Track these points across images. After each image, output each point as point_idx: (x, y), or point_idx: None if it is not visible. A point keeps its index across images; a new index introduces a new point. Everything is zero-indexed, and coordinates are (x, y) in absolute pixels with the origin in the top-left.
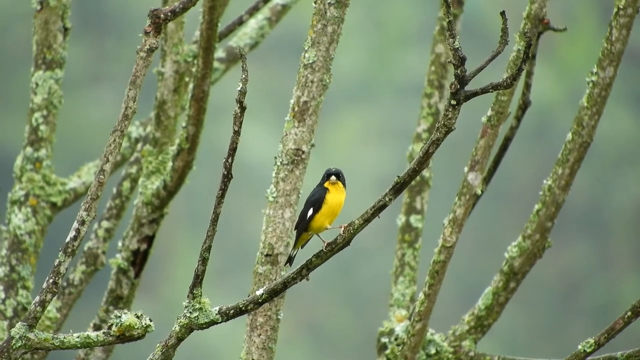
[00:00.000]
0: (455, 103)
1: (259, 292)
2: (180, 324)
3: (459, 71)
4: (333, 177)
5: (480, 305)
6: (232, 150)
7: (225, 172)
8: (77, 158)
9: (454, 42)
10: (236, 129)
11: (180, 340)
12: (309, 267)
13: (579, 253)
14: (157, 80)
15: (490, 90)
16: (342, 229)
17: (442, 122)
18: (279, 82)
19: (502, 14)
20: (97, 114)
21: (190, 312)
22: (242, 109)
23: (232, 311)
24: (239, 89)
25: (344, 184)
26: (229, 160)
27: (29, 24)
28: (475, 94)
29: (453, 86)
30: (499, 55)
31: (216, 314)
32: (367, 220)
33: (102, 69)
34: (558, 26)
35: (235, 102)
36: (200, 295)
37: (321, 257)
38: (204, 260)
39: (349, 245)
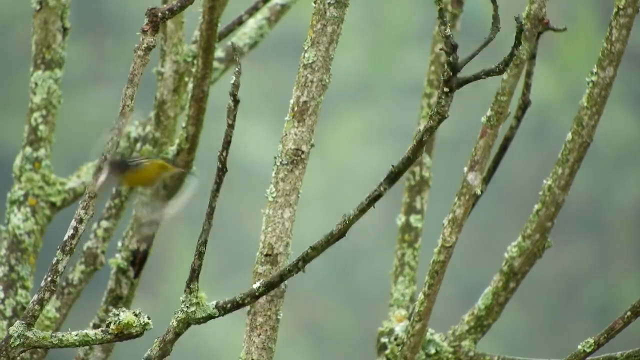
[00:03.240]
0: (448, 90)
1: (256, 285)
2: (178, 318)
3: (450, 58)
4: None
5: (480, 305)
6: (227, 143)
7: (220, 166)
8: (76, 158)
9: (445, 30)
10: (230, 122)
11: (178, 335)
12: (305, 259)
13: (579, 253)
14: (157, 80)
15: (483, 76)
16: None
17: (436, 110)
18: (278, 82)
19: (493, 1)
20: (97, 114)
21: (187, 307)
22: (236, 102)
23: (229, 305)
24: (232, 81)
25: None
26: (224, 153)
27: (29, 24)
28: (467, 80)
29: (445, 73)
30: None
31: (213, 308)
32: (362, 211)
33: (101, 69)
34: (558, 26)
35: (229, 95)
36: (197, 290)
37: (317, 248)
38: (200, 255)
39: (344, 236)
